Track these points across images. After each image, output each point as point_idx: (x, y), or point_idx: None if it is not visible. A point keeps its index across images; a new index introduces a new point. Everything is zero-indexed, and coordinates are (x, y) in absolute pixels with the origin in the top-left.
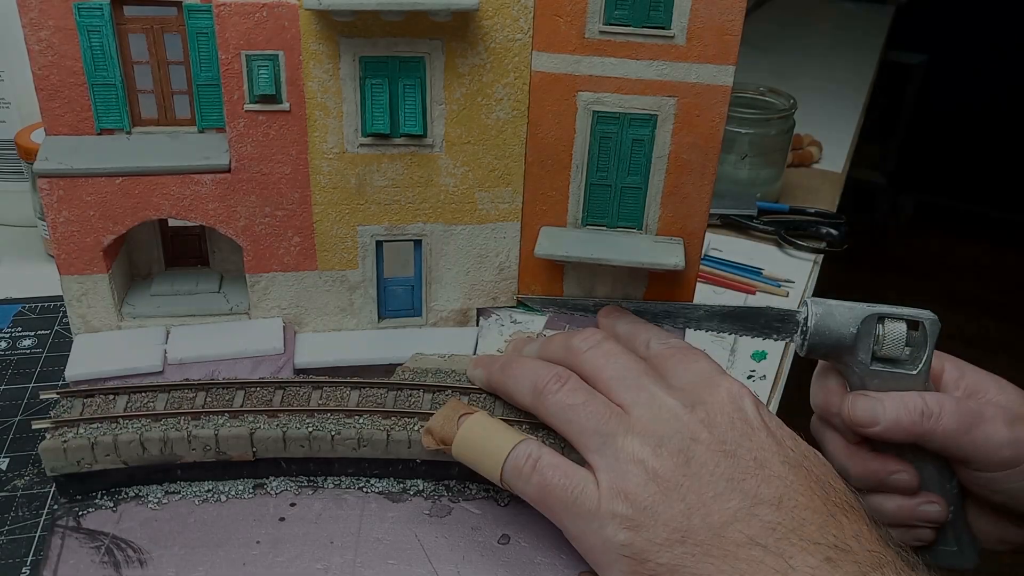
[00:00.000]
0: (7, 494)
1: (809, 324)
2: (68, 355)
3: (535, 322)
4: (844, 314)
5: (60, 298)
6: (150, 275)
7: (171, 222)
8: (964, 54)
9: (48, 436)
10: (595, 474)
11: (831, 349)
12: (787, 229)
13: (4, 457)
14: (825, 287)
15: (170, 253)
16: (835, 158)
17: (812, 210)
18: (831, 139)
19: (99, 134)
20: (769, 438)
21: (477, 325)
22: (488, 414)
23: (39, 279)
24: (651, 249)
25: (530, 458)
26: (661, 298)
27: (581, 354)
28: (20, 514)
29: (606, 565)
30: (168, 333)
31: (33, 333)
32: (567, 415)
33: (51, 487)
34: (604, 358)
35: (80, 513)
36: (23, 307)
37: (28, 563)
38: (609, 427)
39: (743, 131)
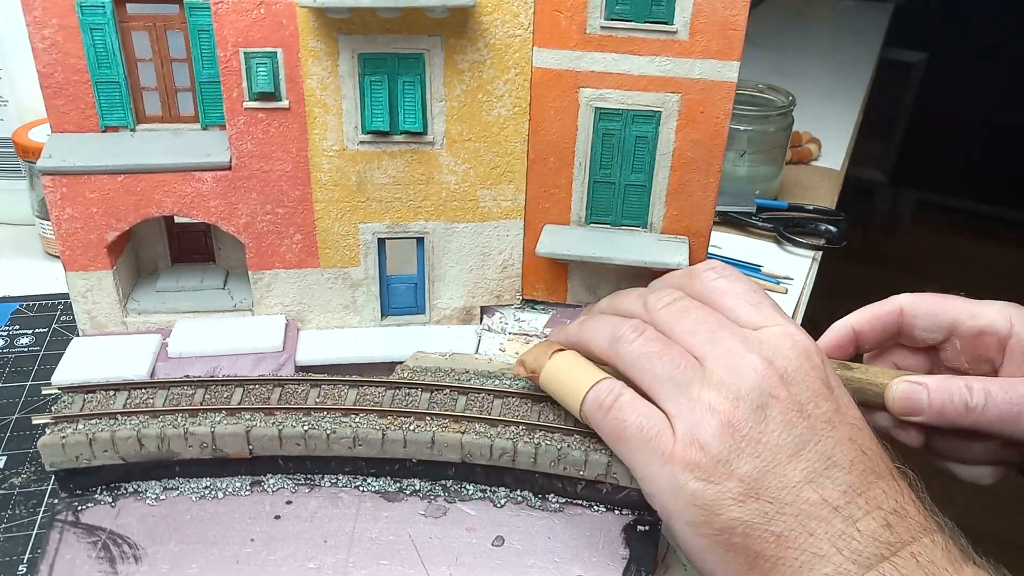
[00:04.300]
0: (4, 492)
1: None
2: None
3: (539, 320)
4: None
5: (58, 296)
6: (156, 271)
7: (177, 219)
8: (963, 52)
9: (48, 431)
10: (671, 421)
11: None
12: (786, 226)
13: (1, 455)
14: (824, 284)
15: (176, 250)
16: (834, 155)
17: (811, 207)
18: (830, 136)
19: (103, 131)
20: (836, 401)
21: (481, 323)
22: (578, 354)
23: (37, 277)
24: (655, 248)
25: (612, 393)
26: None
27: (657, 311)
28: (17, 512)
29: (674, 511)
30: (163, 340)
31: (31, 331)
32: (642, 363)
33: (48, 485)
34: (679, 313)
35: (79, 508)
36: (21, 305)
37: (25, 561)
38: (685, 376)
39: (742, 128)
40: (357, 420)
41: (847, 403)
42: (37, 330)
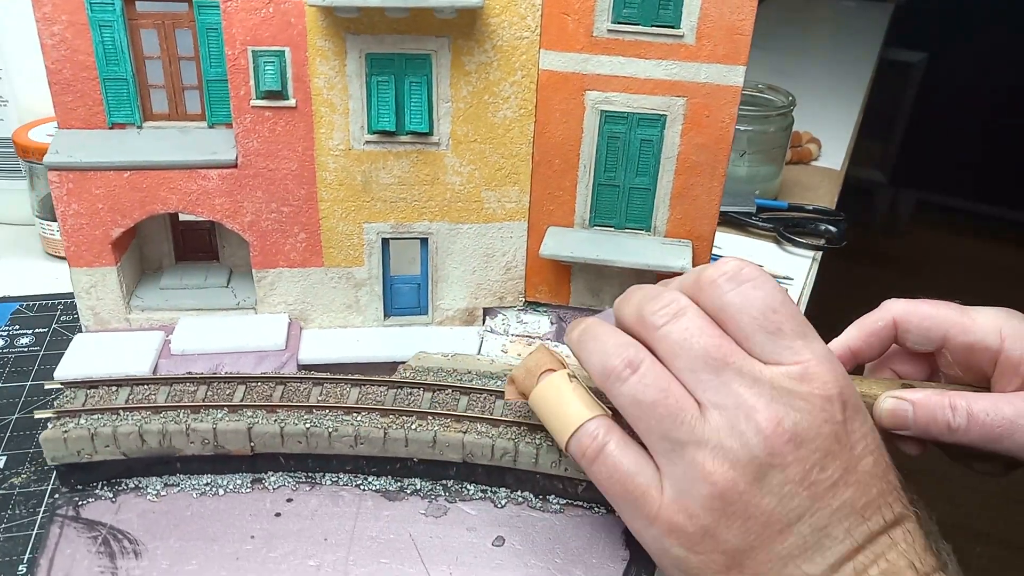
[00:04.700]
0: (4, 492)
1: None
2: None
3: (541, 322)
4: None
5: (58, 296)
6: (160, 269)
7: (181, 216)
8: (963, 52)
9: (50, 426)
10: (660, 478)
11: None
12: (786, 226)
13: (1, 455)
14: (824, 284)
15: (180, 247)
16: (834, 155)
17: (811, 207)
18: (830, 136)
19: (110, 128)
20: (848, 455)
21: (483, 325)
22: (570, 373)
23: (37, 277)
24: (658, 251)
25: (596, 441)
26: None
27: (656, 331)
28: (17, 512)
29: (661, 567)
30: (166, 337)
31: (31, 331)
32: (634, 411)
33: (48, 485)
34: (680, 343)
35: (80, 503)
36: (20, 305)
37: (25, 561)
38: (681, 433)
39: (742, 128)
40: (359, 419)
41: (860, 452)
42: (37, 330)
